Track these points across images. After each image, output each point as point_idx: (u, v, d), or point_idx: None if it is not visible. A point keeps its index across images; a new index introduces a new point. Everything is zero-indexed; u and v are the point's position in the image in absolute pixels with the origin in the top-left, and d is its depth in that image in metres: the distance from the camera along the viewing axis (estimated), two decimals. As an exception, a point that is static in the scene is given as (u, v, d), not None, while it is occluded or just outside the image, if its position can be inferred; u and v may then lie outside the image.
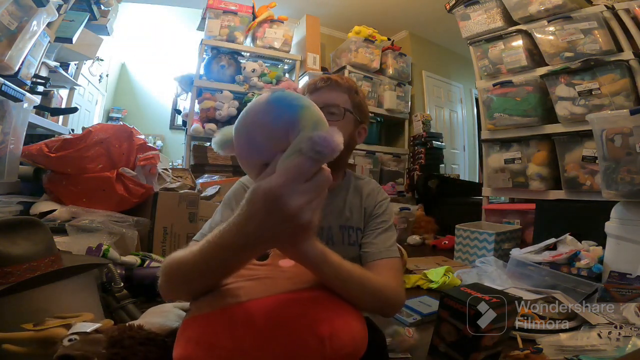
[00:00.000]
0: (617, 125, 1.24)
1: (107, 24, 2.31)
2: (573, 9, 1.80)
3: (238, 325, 0.42)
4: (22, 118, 1.45)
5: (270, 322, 0.42)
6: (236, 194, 0.73)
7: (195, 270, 0.44)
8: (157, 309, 0.81)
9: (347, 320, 0.45)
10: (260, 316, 0.42)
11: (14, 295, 0.69)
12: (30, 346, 0.56)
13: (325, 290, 0.48)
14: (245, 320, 0.42)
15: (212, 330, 0.42)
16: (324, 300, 0.46)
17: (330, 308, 0.45)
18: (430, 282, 1.42)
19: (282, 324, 0.42)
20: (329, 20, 3.36)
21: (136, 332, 0.57)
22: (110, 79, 4.22)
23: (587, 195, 1.70)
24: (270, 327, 0.41)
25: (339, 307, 0.46)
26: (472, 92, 4.03)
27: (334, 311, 0.45)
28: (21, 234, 0.77)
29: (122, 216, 1.36)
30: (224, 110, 2.50)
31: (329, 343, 0.41)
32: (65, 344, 0.53)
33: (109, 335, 0.55)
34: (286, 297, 0.45)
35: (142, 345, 0.54)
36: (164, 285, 0.50)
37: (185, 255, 0.46)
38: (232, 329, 0.41)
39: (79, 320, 0.61)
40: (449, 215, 2.47)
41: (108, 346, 0.53)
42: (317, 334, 0.41)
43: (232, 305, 0.44)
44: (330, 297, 0.47)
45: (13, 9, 1.30)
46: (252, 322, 0.42)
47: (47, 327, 0.57)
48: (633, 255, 1.17)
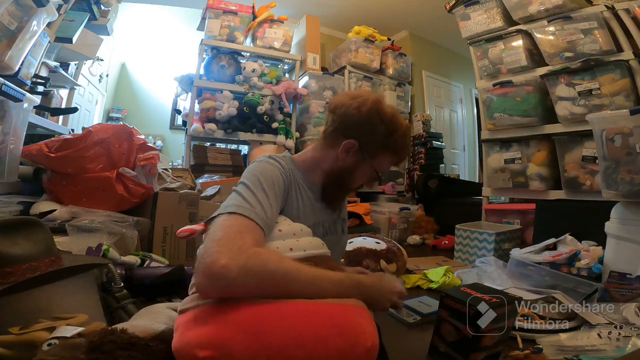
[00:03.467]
0: (617, 125, 1.24)
1: (107, 24, 2.31)
2: (573, 9, 1.80)
3: (298, 318, 0.46)
4: (22, 118, 1.45)
5: (329, 322, 0.47)
6: (277, 181, 0.69)
7: (300, 289, 0.50)
8: (149, 309, 0.80)
9: (377, 335, 0.51)
10: (320, 316, 0.47)
11: (14, 295, 0.68)
12: (14, 349, 0.56)
13: (363, 305, 0.54)
14: (306, 316, 0.46)
15: (264, 319, 0.44)
16: (366, 315, 0.52)
17: (371, 323, 0.51)
18: (430, 282, 1.42)
19: (340, 327, 0.47)
20: (329, 20, 3.36)
21: (118, 337, 0.55)
22: (110, 79, 4.22)
23: (587, 195, 1.70)
24: (329, 326, 0.46)
25: (373, 323, 0.52)
26: (472, 92, 4.03)
27: (373, 327, 0.51)
28: (21, 234, 0.77)
29: (122, 216, 1.36)
30: (224, 110, 2.50)
31: (369, 354, 0.47)
32: (44, 348, 0.52)
33: (89, 340, 0.53)
34: (338, 305, 0.50)
35: (122, 350, 0.53)
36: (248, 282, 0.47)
37: (295, 268, 0.52)
38: (291, 319, 0.45)
39: (73, 322, 0.61)
40: (449, 215, 2.47)
41: (87, 351, 0.51)
42: (365, 345, 0.46)
43: (290, 301, 0.48)
44: (369, 313, 0.54)
45: (13, 9, 1.29)
46: (313, 319, 0.46)
47: (29, 331, 0.57)
48: (633, 255, 1.17)
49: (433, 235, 2.50)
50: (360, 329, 0.47)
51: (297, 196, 0.75)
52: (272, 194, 0.65)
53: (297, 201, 0.74)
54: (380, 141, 0.77)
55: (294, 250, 0.60)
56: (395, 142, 0.78)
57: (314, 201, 0.79)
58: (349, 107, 0.76)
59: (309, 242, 0.65)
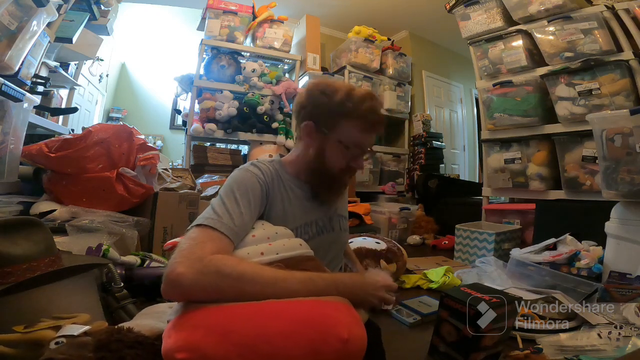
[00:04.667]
0: (617, 125, 1.24)
1: (107, 24, 2.31)
2: (573, 9, 1.80)
3: (264, 316, 0.46)
4: (22, 118, 1.46)
5: (297, 317, 0.47)
6: (252, 187, 0.71)
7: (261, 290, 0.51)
8: (152, 309, 0.80)
9: (360, 327, 0.51)
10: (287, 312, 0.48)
11: (14, 295, 0.69)
12: (19, 348, 0.56)
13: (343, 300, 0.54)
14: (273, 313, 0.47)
15: (230, 320, 0.46)
16: (342, 308, 0.52)
17: (349, 315, 0.51)
18: (430, 282, 1.42)
19: (309, 321, 0.47)
20: (329, 20, 3.36)
21: (124, 335, 0.55)
22: (110, 79, 4.22)
23: (587, 195, 1.70)
24: (297, 322, 0.46)
25: (355, 315, 0.52)
26: (472, 92, 4.03)
27: (352, 318, 0.51)
28: (21, 234, 0.77)
29: (122, 216, 1.36)
30: (224, 110, 2.50)
31: (347, 345, 0.46)
32: (51, 346, 0.52)
33: (97, 339, 0.54)
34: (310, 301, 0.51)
35: (130, 349, 0.53)
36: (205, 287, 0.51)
37: (253, 270, 0.53)
38: (258, 318, 0.46)
39: (75, 321, 0.61)
40: (449, 215, 2.47)
41: (95, 350, 0.52)
42: (339, 336, 0.46)
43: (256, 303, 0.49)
44: (348, 307, 0.53)
45: (13, 9, 1.30)
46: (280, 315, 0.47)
47: (35, 330, 0.57)
48: (633, 255, 1.17)
49: (433, 235, 2.50)
50: (333, 321, 0.48)
51: (282, 198, 0.75)
52: (245, 202, 0.67)
53: (281, 203, 0.75)
54: (331, 110, 0.75)
55: (265, 255, 0.61)
56: (348, 107, 0.74)
57: (304, 200, 0.78)
58: (298, 95, 0.81)
59: (282, 245, 0.65)
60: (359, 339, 0.48)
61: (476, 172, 4.00)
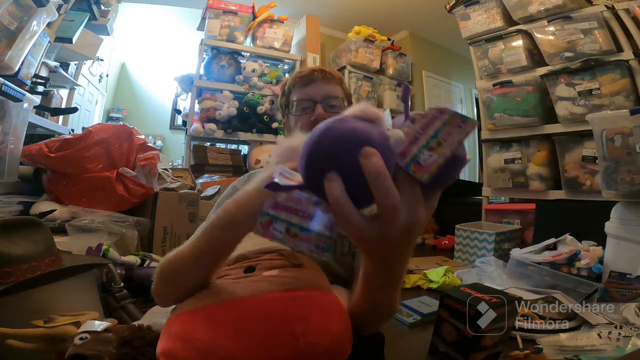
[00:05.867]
0: (617, 125, 1.24)
1: (107, 24, 2.31)
2: (573, 9, 1.80)
3: (217, 321, 0.44)
4: (22, 118, 1.46)
5: (247, 317, 0.44)
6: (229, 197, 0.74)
7: (191, 258, 0.47)
8: (160, 308, 0.80)
9: (324, 319, 0.46)
10: (238, 312, 0.45)
11: (14, 295, 0.69)
12: (37, 342, 0.56)
13: (306, 291, 0.49)
14: (224, 316, 0.45)
15: (192, 326, 0.45)
16: (302, 300, 0.47)
17: (307, 307, 0.46)
18: (430, 282, 1.42)
19: (258, 320, 0.44)
20: (329, 20, 3.36)
21: (146, 333, 0.56)
22: (110, 79, 4.22)
23: (587, 195, 1.70)
24: (246, 322, 0.44)
25: (318, 307, 0.47)
26: (472, 92, 4.03)
27: (312, 310, 0.46)
28: (21, 234, 0.77)
29: (122, 216, 1.36)
30: (224, 110, 2.50)
31: (303, 339, 0.42)
32: (76, 342, 0.52)
33: (120, 335, 0.54)
34: (265, 296, 0.47)
35: (150, 346, 0.53)
36: (157, 288, 0.51)
37: (179, 249, 0.49)
38: (211, 323, 0.44)
39: (86, 318, 0.61)
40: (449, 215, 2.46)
41: (118, 346, 0.53)
42: (290, 331, 0.42)
43: (213, 304, 0.46)
44: (309, 297, 0.48)
45: (13, 9, 1.30)
46: (230, 318, 0.44)
47: (58, 324, 0.57)
48: (633, 255, 1.17)
49: (433, 235, 2.50)
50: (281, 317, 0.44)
51: None
52: None
53: None
54: (284, 95, 0.86)
55: None
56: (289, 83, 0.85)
57: None
58: None
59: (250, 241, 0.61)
60: (321, 333, 0.44)
61: (476, 172, 3.99)
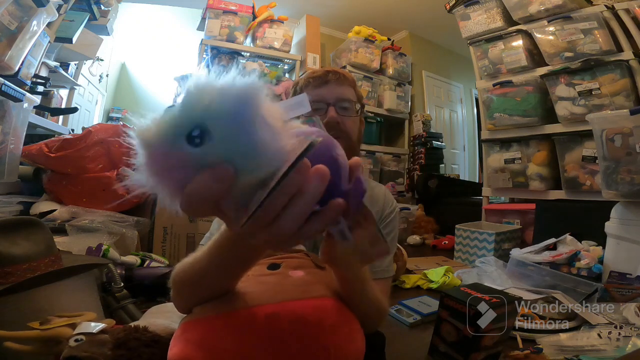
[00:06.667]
0: (617, 125, 1.24)
1: (107, 24, 2.31)
2: (573, 9, 1.80)
3: (243, 330, 0.42)
4: (22, 118, 1.46)
5: (276, 328, 0.41)
6: None
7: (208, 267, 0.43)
8: (159, 308, 0.80)
9: (351, 331, 0.46)
10: (266, 322, 0.42)
11: (14, 295, 0.68)
12: (34, 345, 0.55)
13: (332, 300, 0.47)
14: (251, 325, 0.42)
15: (215, 334, 0.42)
16: (331, 310, 0.46)
17: (336, 318, 0.45)
18: (430, 282, 1.42)
19: (288, 331, 0.41)
20: (329, 20, 3.36)
21: (142, 334, 0.56)
22: (110, 79, 4.22)
23: (587, 195, 1.70)
24: (276, 333, 0.41)
25: (345, 318, 0.46)
26: (472, 92, 4.03)
27: (340, 322, 0.45)
28: (21, 234, 0.77)
29: (122, 216, 1.36)
30: (224, 110, 2.50)
31: (334, 352, 0.41)
32: (71, 344, 0.52)
33: (115, 337, 0.54)
34: (293, 304, 0.45)
35: (147, 347, 0.54)
36: (176, 297, 0.49)
37: (194, 255, 0.45)
38: (237, 332, 0.41)
39: (83, 319, 0.61)
40: (449, 215, 2.47)
41: (114, 347, 0.52)
42: (323, 344, 0.41)
43: (238, 310, 0.43)
44: (337, 307, 0.47)
45: (13, 9, 1.30)
46: (258, 327, 0.41)
47: (53, 327, 0.57)
48: (633, 255, 1.17)
49: (433, 235, 2.50)
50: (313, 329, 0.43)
51: None
52: None
53: None
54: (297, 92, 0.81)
55: None
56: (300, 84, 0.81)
57: None
58: None
59: None
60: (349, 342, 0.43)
61: (476, 172, 4.00)
